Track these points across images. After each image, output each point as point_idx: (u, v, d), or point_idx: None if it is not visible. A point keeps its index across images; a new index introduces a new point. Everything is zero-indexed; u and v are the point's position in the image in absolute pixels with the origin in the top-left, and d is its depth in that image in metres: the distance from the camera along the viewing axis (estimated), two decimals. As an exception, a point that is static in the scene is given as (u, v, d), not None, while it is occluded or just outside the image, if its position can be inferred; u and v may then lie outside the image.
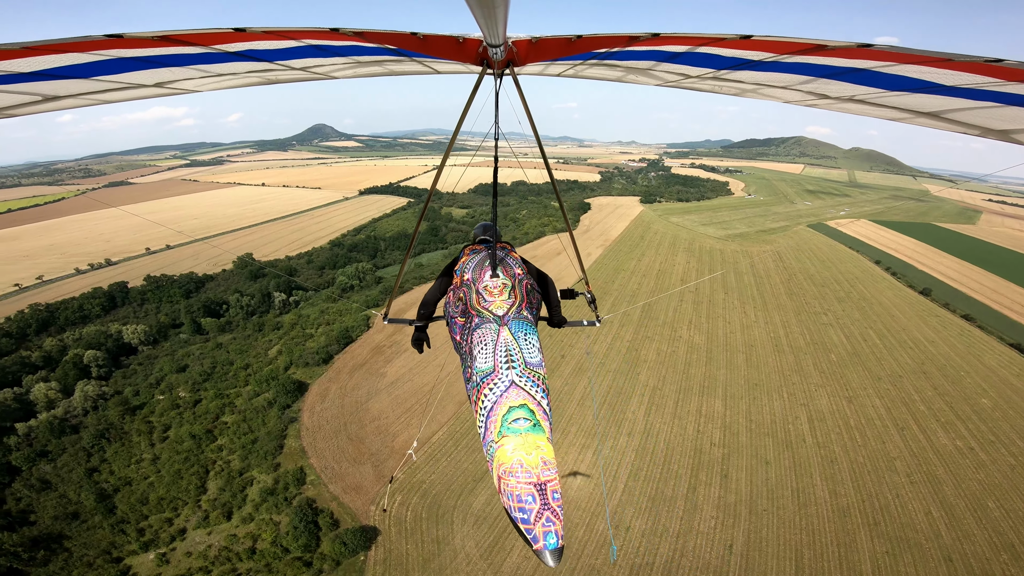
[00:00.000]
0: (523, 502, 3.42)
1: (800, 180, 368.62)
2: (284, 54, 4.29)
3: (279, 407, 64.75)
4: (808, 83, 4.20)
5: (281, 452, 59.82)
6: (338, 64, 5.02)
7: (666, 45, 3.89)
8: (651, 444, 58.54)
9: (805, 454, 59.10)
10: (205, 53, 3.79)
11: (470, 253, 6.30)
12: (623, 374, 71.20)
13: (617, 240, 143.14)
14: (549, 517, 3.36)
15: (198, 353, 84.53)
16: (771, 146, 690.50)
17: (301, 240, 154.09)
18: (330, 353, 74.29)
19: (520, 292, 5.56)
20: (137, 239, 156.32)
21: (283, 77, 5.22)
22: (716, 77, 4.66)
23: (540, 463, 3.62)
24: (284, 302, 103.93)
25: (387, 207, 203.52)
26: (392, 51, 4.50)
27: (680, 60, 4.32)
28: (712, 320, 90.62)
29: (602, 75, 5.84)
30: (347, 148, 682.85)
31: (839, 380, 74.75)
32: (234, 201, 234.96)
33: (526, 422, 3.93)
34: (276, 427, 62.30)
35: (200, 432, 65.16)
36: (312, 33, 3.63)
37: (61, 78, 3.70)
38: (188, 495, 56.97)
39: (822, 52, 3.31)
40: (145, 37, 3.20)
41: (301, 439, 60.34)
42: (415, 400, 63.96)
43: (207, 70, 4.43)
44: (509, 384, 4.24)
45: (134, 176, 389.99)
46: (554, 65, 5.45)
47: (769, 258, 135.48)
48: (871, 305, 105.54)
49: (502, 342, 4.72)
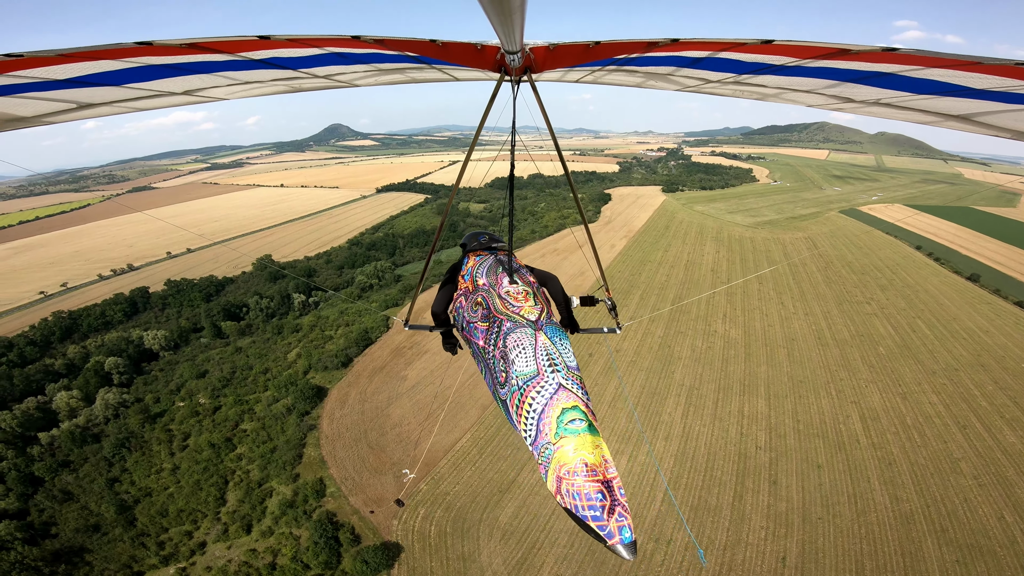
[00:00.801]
0: (591, 499, 3.41)
1: (826, 166, 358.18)
2: (307, 62, 4.30)
3: (297, 414, 62.39)
4: (833, 87, 4.12)
5: (300, 462, 57.45)
6: (360, 72, 5.03)
7: (686, 51, 3.83)
8: (691, 449, 54.64)
9: (860, 456, 54.60)
10: (231, 60, 3.85)
11: (476, 259, 6.31)
12: (656, 373, 67.23)
13: (641, 231, 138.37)
14: (620, 512, 3.36)
15: (218, 358, 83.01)
16: (793, 132, 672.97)
17: (320, 240, 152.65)
18: (349, 356, 71.77)
19: (542, 299, 5.55)
20: (159, 243, 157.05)
21: (307, 85, 5.32)
22: (737, 82, 4.60)
23: (603, 461, 3.62)
24: (304, 303, 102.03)
25: (404, 204, 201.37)
26: (412, 58, 4.51)
27: (700, 65, 4.28)
28: (748, 313, 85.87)
29: (621, 81, 5.75)
30: (364, 147, 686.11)
31: (890, 375, 69.69)
32: (254, 203, 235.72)
33: (581, 423, 3.88)
34: (295, 435, 59.94)
35: (219, 441, 63.54)
36: (334, 41, 3.67)
37: (94, 85, 3.76)
38: (207, 507, 55.32)
39: (846, 56, 3.26)
40: (173, 44, 3.20)
41: (320, 448, 57.85)
42: (437, 404, 60.95)
43: (234, 77, 4.46)
44: (557, 387, 4.18)
45: (157, 180, 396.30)
46: (572, 72, 5.34)
47: (803, 246, 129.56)
48: (916, 293, 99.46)
49: (541, 346, 4.63)
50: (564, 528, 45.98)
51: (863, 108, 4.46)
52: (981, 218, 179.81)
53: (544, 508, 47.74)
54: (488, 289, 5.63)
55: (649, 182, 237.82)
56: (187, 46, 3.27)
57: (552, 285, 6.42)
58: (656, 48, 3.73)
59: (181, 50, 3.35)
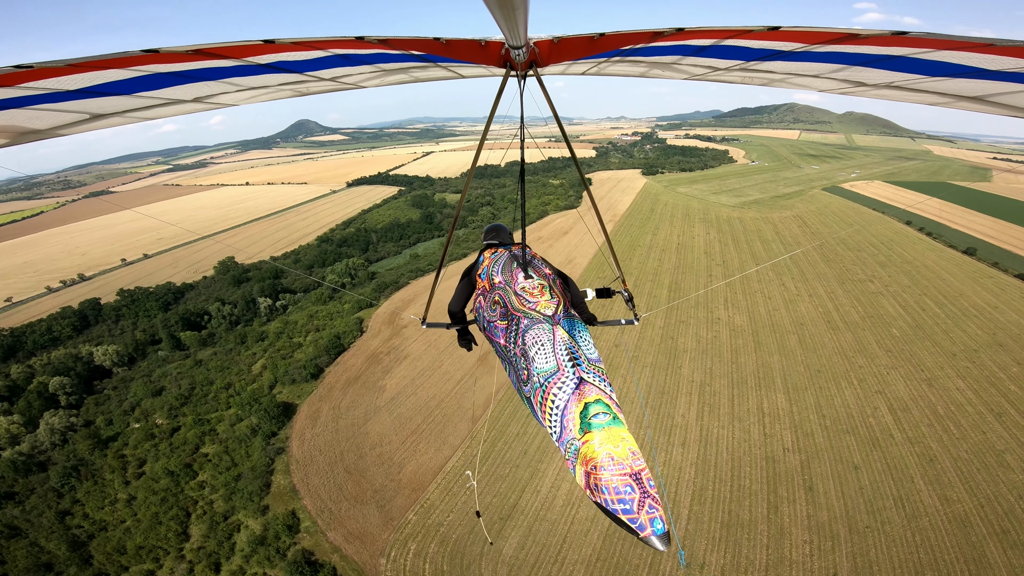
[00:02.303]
0: (621, 493, 3.38)
1: (799, 145, 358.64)
2: (313, 65, 4.25)
3: (263, 436, 54.49)
4: (841, 71, 4.03)
5: (268, 492, 49.70)
6: (366, 72, 4.97)
7: (691, 39, 3.80)
8: (712, 455, 48.47)
9: (897, 453, 49.12)
10: (238, 66, 3.80)
11: (491, 256, 6.17)
12: (662, 369, 60.92)
13: (626, 214, 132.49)
14: (651, 504, 3.34)
15: (176, 373, 74.16)
16: (764, 114, 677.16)
17: (287, 238, 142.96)
18: (320, 366, 63.56)
19: (558, 291, 5.46)
20: (114, 251, 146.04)
21: (314, 88, 5.24)
22: (744, 68, 4.56)
23: (629, 454, 3.58)
24: (271, 307, 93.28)
25: (377, 197, 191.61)
26: (417, 57, 4.49)
27: (706, 53, 4.24)
28: (750, 297, 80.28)
29: (625, 71, 5.63)
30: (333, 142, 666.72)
31: (910, 359, 64.67)
32: (217, 203, 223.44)
33: (605, 416, 3.84)
34: (261, 461, 52.13)
35: (178, 467, 55.73)
36: (338, 42, 3.63)
37: (105, 95, 3.74)
38: (169, 543, 48.03)
39: (854, 41, 3.24)
40: (179, 51, 3.20)
41: (291, 475, 50.11)
42: (422, 418, 53.48)
43: (241, 83, 4.43)
44: (579, 381, 4.13)
45: (115, 184, 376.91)
46: (577, 64, 5.25)
47: (793, 224, 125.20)
48: (917, 269, 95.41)
49: (560, 341, 4.57)
50: (579, 558, 39.48)
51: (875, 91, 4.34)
52: (962, 192, 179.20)
53: (553, 536, 41.06)
54: (504, 287, 5.52)
55: (627, 166, 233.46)
56: (193, 52, 3.27)
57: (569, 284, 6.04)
58: (661, 38, 3.71)
59: (188, 57, 3.35)
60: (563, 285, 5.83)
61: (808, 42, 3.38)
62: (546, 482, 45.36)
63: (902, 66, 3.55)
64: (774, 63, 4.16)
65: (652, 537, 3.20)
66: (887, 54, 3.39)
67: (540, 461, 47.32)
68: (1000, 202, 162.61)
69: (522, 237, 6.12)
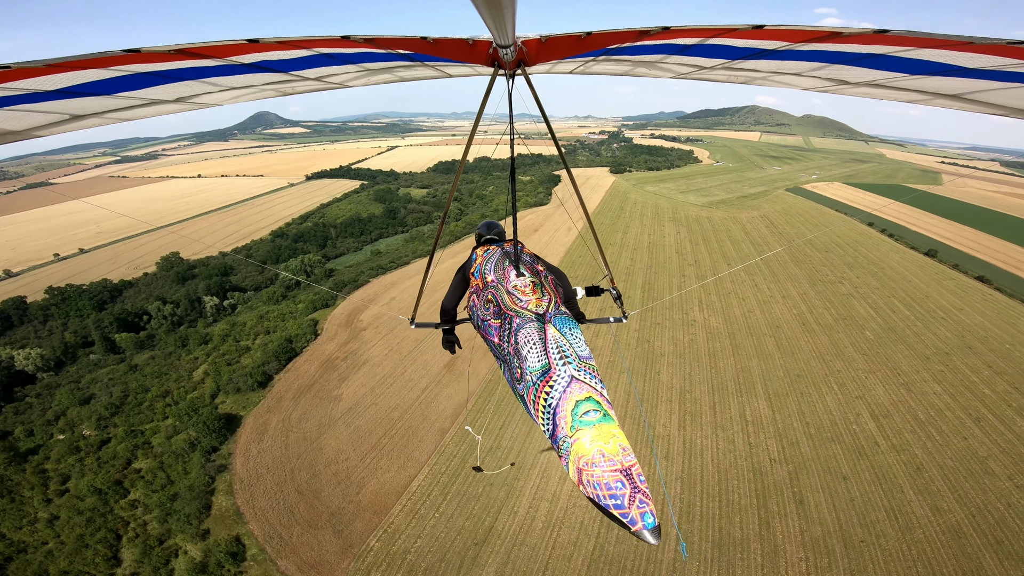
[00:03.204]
0: (612, 488, 3.42)
1: (760, 147, 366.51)
2: (297, 64, 4.20)
3: (202, 451, 48.61)
4: (824, 69, 4.07)
5: (209, 514, 44.11)
6: (351, 72, 4.93)
7: (677, 38, 3.81)
8: (697, 468, 45.47)
9: (883, 461, 47.31)
10: (221, 65, 3.75)
11: (484, 254, 6.08)
12: (640, 374, 57.84)
13: (596, 212, 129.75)
14: (641, 499, 3.37)
15: (107, 379, 66.79)
16: (726, 116, 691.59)
17: (239, 233, 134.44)
18: (268, 373, 57.56)
19: (550, 288, 5.40)
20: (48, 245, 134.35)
21: (299, 88, 5.23)
22: (728, 67, 4.60)
23: (620, 450, 3.61)
24: (217, 307, 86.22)
25: (337, 191, 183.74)
26: (403, 56, 4.43)
27: (691, 52, 4.29)
28: (724, 298, 78.28)
29: (610, 70, 5.65)
30: (293, 135, 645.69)
31: (886, 363, 63.60)
32: (166, 195, 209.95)
33: (596, 413, 3.88)
34: (200, 480, 46.42)
35: (106, 485, 49.43)
36: (323, 42, 3.58)
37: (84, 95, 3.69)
38: (97, 568, 42.27)
39: (837, 39, 3.25)
40: (161, 51, 3.15)
41: (234, 496, 44.59)
42: (383, 431, 48.56)
43: (225, 83, 4.34)
44: (570, 379, 4.11)
45: (56, 176, 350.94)
46: (563, 63, 5.23)
47: (761, 224, 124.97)
48: (883, 271, 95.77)
49: (551, 339, 4.54)
50: (558, 589, 35.72)
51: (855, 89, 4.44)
52: (916, 195, 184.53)
53: (534, 562, 37.11)
54: (496, 285, 5.46)
55: (595, 164, 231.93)
56: (175, 52, 3.22)
57: (561, 280, 5.94)
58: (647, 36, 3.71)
59: (169, 56, 3.30)
60: (555, 281, 5.61)
61: (792, 40, 3.38)
62: (523, 502, 41.32)
63: (883, 64, 3.58)
64: (758, 61, 4.19)
65: (643, 531, 3.24)
66: (869, 52, 3.41)
67: (516, 479, 43.21)
68: (952, 205, 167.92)
69: (514, 234, 5.98)
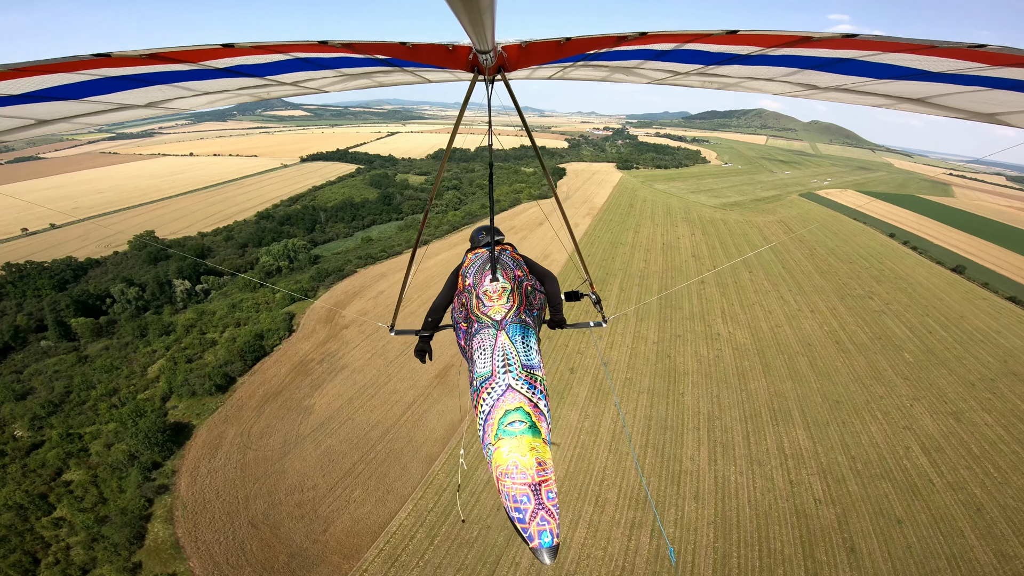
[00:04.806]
0: (519, 502, 3.42)
1: (766, 150, 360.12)
2: (273, 68, 4.16)
3: (141, 468, 40.87)
4: (794, 74, 4.12)
5: (142, 545, 36.49)
6: (329, 77, 4.87)
7: (653, 44, 3.84)
8: (732, 510, 38.26)
9: (940, 502, 40.83)
10: (194, 70, 3.72)
11: (472, 257, 6.08)
12: (661, 395, 50.45)
13: (604, 209, 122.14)
14: (544, 516, 3.35)
15: (52, 371, 58.51)
16: (732, 118, 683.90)
17: (222, 213, 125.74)
18: (230, 375, 49.54)
19: (519, 295, 5.39)
20: (19, 219, 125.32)
21: (275, 92, 5.10)
22: (703, 73, 4.61)
23: (535, 464, 3.60)
24: (189, 292, 78.17)
25: (332, 174, 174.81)
26: (381, 61, 4.40)
27: (667, 58, 4.28)
28: (748, 309, 71.08)
29: (589, 76, 5.77)
30: (293, 117, 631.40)
31: (930, 389, 56.84)
32: (153, 173, 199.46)
33: (521, 424, 3.87)
34: (135, 501, 38.74)
35: (26, 499, 41.40)
36: (300, 46, 3.54)
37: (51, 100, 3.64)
38: None
39: (808, 44, 3.27)
40: (133, 55, 3.11)
41: (175, 524, 36.95)
42: (359, 454, 40.76)
43: (198, 87, 4.28)
44: (506, 388, 4.16)
45: (47, 151, 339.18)
46: (542, 68, 5.27)
47: (779, 229, 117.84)
48: (912, 286, 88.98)
49: (500, 346, 4.61)
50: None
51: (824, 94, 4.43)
52: (931, 207, 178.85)
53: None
54: (471, 288, 5.51)
55: (601, 159, 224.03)
56: (147, 56, 3.18)
57: (549, 284, 6.03)
58: (625, 42, 3.74)
59: (141, 61, 3.26)
60: (530, 288, 5.61)
61: (764, 45, 3.40)
62: (527, 552, 34.00)
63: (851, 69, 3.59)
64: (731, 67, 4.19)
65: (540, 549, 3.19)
66: (838, 57, 3.42)
67: (514, 522, 35.94)
68: (968, 218, 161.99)
69: (490, 238, 6.03)
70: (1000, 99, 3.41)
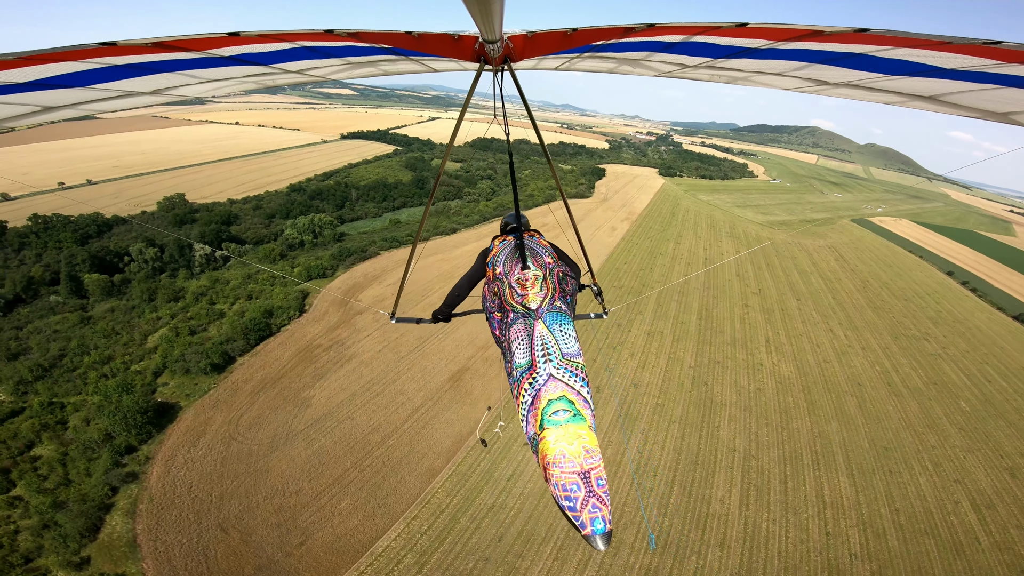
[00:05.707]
0: (569, 490, 3.38)
1: (817, 169, 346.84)
2: (279, 57, 4.12)
3: (114, 450, 37.90)
4: (804, 69, 3.98)
5: (95, 539, 33.30)
6: (334, 65, 4.84)
7: (661, 35, 3.80)
8: (759, 562, 33.65)
9: (984, 562, 36.68)
10: (200, 58, 3.70)
11: (500, 244, 5.91)
12: (695, 427, 45.67)
13: (644, 215, 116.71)
14: (595, 504, 3.31)
15: (51, 330, 56.40)
16: (783, 133, 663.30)
17: (255, 182, 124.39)
18: (230, 354, 46.62)
19: (552, 282, 5.21)
20: (59, 174, 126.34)
21: (280, 81, 5.07)
22: (711, 66, 4.51)
23: (583, 452, 3.55)
24: (208, 257, 76.06)
25: (368, 153, 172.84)
26: (387, 51, 4.41)
27: (675, 50, 4.21)
28: (795, 340, 65.42)
29: (595, 67, 5.62)
30: (340, 95, 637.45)
31: (986, 441, 51.29)
32: (197, 139, 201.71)
33: (566, 413, 3.79)
34: (97, 488, 35.60)
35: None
36: (306, 35, 3.53)
37: (58, 87, 3.63)
38: None
39: (819, 38, 3.21)
40: (139, 44, 3.11)
41: (136, 519, 33.81)
42: (353, 460, 37.23)
43: (203, 75, 4.27)
44: (547, 377, 4.04)
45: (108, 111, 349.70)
46: (549, 59, 5.20)
47: (830, 256, 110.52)
48: (971, 332, 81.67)
49: (538, 336, 4.46)
50: None
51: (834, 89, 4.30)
52: (992, 246, 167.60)
53: None
54: (503, 278, 5.32)
55: (642, 163, 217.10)
56: (153, 45, 3.18)
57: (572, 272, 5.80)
58: (632, 33, 3.71)
59: (147, 49, 3.26)
60: (561, 274, 5.38)
61: (774, 39, 3.35)
62: (521, 597, 30.02)
63: (862, 64, 3.52)
64: (740, 60, 4.11)
65: (593, 536, 3.17)
66: (849, 52, 3.35)
67: (521, 555, 31.81)
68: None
69: (517, 228, 5.90)
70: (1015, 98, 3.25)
